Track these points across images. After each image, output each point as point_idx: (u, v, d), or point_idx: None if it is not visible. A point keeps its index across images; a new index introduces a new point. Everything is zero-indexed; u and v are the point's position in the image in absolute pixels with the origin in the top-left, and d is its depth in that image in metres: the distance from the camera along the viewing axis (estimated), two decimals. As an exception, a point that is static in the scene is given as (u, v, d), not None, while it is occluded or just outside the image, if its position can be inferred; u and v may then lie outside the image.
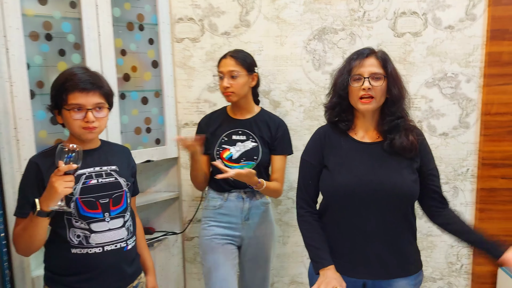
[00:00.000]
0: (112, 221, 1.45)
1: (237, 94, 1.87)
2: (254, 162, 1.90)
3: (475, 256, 2.27)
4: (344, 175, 1.44)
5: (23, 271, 1.79)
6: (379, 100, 1.42)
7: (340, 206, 1.47)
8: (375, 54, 1.45)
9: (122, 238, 1.47)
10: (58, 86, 1.39)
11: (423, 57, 2.18)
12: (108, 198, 1.44)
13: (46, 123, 1.85)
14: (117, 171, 1.51)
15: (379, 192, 1.40)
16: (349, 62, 1.47)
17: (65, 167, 1.25)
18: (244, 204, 1.93)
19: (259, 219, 1.96)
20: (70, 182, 1.27)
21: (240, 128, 1.94)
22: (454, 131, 2.23)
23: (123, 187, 1.50)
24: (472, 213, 2.27)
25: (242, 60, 1.87)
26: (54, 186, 1.24)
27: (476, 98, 2.19)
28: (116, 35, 2.03)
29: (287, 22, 2.21)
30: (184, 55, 2.26)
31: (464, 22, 2.15)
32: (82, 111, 1.38)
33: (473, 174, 2.25)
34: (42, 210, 1.28)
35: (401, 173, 1.42)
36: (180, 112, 2.31)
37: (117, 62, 2.04)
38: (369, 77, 1.40)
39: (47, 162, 1.39)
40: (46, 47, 1.84)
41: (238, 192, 1.93)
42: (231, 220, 1.93)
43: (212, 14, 2.23)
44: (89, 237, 1.41)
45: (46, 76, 1.84)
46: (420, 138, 1.47)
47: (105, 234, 1.43)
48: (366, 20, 2.19)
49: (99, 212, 1.43)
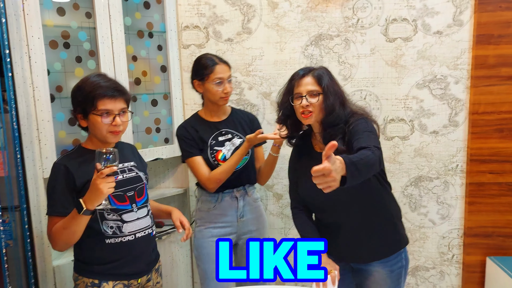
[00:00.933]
0: (139, 210, 1.60)
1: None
2: (247, 157, 1.96)
3: (465, 246, 2.40)
4: (303, 186, 1.66)
5: (44, 260, 1.93)
6: (317, 114, 1.54)
7: (311, 208, 1.70)
8: (312, 73, 1.58)
9: (148, 225, 1.63)
10: (86, 93, 1.49)
11: (413, 60, 2.32)
12: (133, 191, 1.59)
13: (65, 124, 1.99)
14: (135, 166, 1.66)
15: (337, 202, 1.55)
16: (290, 83, 1.62)
17: (107, 170, 1.33)
18: (238, 202, 1.99)
19: (253, 215, 2.03)
20: (112, 182, 1.36)
21: (223, 128, 1.99)
22: (444, 129, 2.36)
23: (143, 180, 1.66)
24: (462, 206, 2.39)
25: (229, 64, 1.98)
26: (99, 188, 1.34)
27: (464, 98, 2.32)
28: (127, 42, 2.16)
29: (286, 29, 2.35)
30: (191, 60, 2.35)
31: (452, 27, 2.28)
32: (110, 115, 1.50)
33: (462, 170, 2.37)
34: (87, 209, 1.38)
35: None
36: (188, 113, 2.44)
37: (129, 68, 2.17)
38: (306, 94, 1.54)
39: (74, 164, 1.51)
40: (65, 55, 1.97)
41: (231, 192, 1.98)
42: (226, 219, 1.98)
43: (216, 22, 2.38)
44: (122, 227, 1.55)
45: (64, 81, 1.98)
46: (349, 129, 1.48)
47: (135, 223, 1.58)
48: (360, 27, 2.33)
49: (128, 204, 1.57)
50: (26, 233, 1.85)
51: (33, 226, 1.90)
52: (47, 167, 1.90)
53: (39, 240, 1.92)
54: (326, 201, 1.54)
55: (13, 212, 1.84)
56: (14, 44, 1.80)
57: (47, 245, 1.93)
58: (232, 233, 2.01)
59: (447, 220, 2.42)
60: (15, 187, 1.84)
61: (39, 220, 1.91)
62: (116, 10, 2.09)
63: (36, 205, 1.90)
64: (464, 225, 2.41)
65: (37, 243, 1.91)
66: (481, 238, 2.38)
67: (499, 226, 2.36)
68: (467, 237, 2.39)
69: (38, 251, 1.91)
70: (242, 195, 2.01)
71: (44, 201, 1.91)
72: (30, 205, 1.89)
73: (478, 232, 2.37)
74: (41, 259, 1.92)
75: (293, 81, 1.61)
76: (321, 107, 1.53)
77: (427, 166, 2.39)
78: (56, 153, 1.94)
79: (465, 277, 2.42)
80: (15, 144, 1.81)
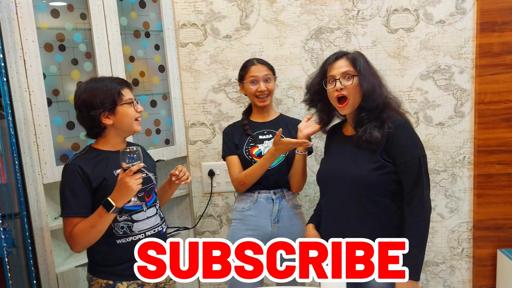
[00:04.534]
0: (148, 210, 1.62)
1: (270, 97, 1.98)
2: (284, 154, 1.91)
3: (475, 240, 2.36)
4: (322, 165, 1.67)
5: (47, 268, 1.90)
6: (353, 99, 1.51)
7: (321, 192, 1.72)
8: (346, 56, 1.54)
9: (157, 224, 1.64)
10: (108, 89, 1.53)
11: (416, 51, 2.27)
12: (143, 192, 1.60)
13: (63, 129, 1.96)
14: (145, 167, 1.63)
15: (341, 179, 1.54)
16: (322, 67, 1.59)
17: (135, 167, 1.40)
18: (274, 205, 1.91)
19: (290, 222, 1.92)
20: (139, 179, 1.42)
21: (265, 128, 1.99)
22: (450, 120, 2.31)
23: (153, 181, 1.67)
24: (470, 198, 2.35)
25: (270, 65, 2.00)
26: (128, 186, 1.39)
27: (470, 88, 2.27)
28: (124, 43, 2.13)
29: (285, 24, 2.31)
30: (189, 59, 2.36)
31: (455, 16, 2.23)
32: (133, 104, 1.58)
33: (470, 161, 2.32)
34: (117, 207, 1.43)
35: (358, 162, 1.51)
36: (188, 113, 2.41)
37: (126, 68, 2.14)
38: (340, 77, 1.50)
39: (88, 164, 1.52)
40: (60, 57, 1.94)
41: (267, 193, 1.92)
42: (259, 223, 1.90)
43: (213, 19, 2.33)
44: (132, 226, 1.57)
45: (61, 84, 1.95)
46: (390, 131, 1.46)
47: (145, 222, 1.60)
48: (360, 19, 2.28)
49: (139, 205, 1.59)
50: (27, 240, 1.82)
51: (34, 233, 1.87)
52: (46, 172, 1.87)
53: (41, 247, 1.89)
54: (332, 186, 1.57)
55: (13, 219, 1.81)
56: (8, 48, 1.77)
57: (50, 251, 1.90)
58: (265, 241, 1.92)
59: (455, 214, 2.37)
60: (15, 194, 1.82)
61: (40, 227, 1.88)
62: (111, 10, 2.05)
63: (37, 212, 1.87)
64: (473, 218, 2.36)
65: (39, 250, 1.88)
66: (491, 231, 2.32)
67: (509, 218, 2.30)
68: (477, 230, 2.34)
69: (40, 259, 1.89)
70: (279, 198, 1.93)
71: (45, 207, 1.88)
72: (31, 212, 1.86)
73: (488, 225, 2.32)
74: (43, 267, 1.90)
75: (326, 65, 1.58)
76: (356, 90, 1.50)
77: (433, 159, 2.34)
78: (55, 158, 1.91)
79: (476, 271, 2.37)
80: (13, 150, 1.78)
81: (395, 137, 1.48)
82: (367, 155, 1.50)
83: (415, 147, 1.48)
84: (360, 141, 1.50)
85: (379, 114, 1.51)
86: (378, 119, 1.50)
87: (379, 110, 1.50)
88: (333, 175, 1.58)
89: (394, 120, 1.50)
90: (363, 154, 1.51)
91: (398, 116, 1.53)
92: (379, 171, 1.49)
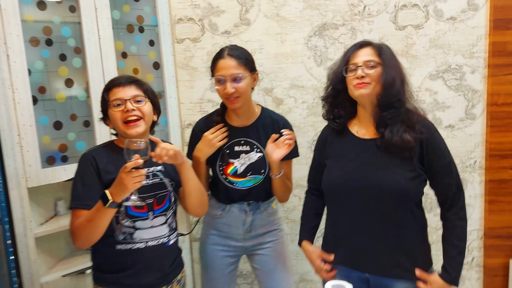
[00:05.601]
0: (155, 219, 1.48)
1: (242, 99, 1.65)
2: (262, 176, 1.72)
3: (486, 249, 2.24)
4: (335, 171, 1.47)
5: (31, 277, 1.78)
6: (374, 86, 1.37)
7: (334, 202, 1.50)
8: (371, 45, 1.43)
9: (164, 234, 1.50)
10: (102, 92, 1.48)
11: (425, 49, 2.16)
12: (153, 198, 1.47)
13: (49, 129, 1.84)
14: (162, 171, 1.51)
15: (368, 188, 1.37)
16: (345, 54, 1.46)
17: (131, 163, 1.25)
18: (247, 217, 1.75)
19: (265, 229, 1.80)
20: (139, 176, 1.26)
21: (243, 137, 1.72)
22: (460, 123, 2.20)
23: (168, 187, 1.52)
24: (481, 205, 2.24)
25: (245, 57, 1.65)
26: (123, 183, 1.26)
27: (482, 89, 2.17)
28: (116, 38, 2.01)
29: (287, 19, 2.19)
30: (186, 55, 2.25)
31: (466, 12, 2.12)
32: (122, 104, 1.43)
33: (481, 166, 2.22)
34: (114, 202, 1.28)
35: (392, 170, 1.36)
36: (184, 113, 2.30)
37: (118, 65, 2.01)
38: (362, 65, 1.38)
39: (103, 158, 1.44)
40: (47, 53, 1.82)
41: (240, 204, 1.75)
42: (231, 231, 1.78)
43: (211, 14, 2.22)
44: (133, 233, 1.45)
45: (47, 81, 1.83)
46: (422, 136, 1.36)
47: (148, 231, 1.46)
48: (367, 14, 2.16)
49: (145, 211, 1.46)
50: (9, 248, 1.70)
51: (17, 240, 1.75)
52: (30, 176, 1.75)
53: (25, 255, 1.76)
54: (357, 195, 1.39)
55: (-7, 226, 1.69)
56: (-11, 43, 1.64)
57: (33, 260, 1.78)
58: (238, 247, 1.81)
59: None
60: (-4, 198, 1.69)
61: (24, 234, 1.76)
62: (102, 3, 1.93)
63: (20, 217, 1.74)
64: (484, 226, 2.25)
65: (22, 258, 1.76)
66: (503, 239, 2.22)
67: (522, 226, 2.20)
68: (488, 238, 2.24)
69: (23, 268, 1.77)
70: (252, 209, 1.76)
71: (29, 213, 1.77)
72: (14, 218, 1.73)
73: (500, 233, 2.22)
74: (27, 276, 1.78)
75: (348, 53, 1.45)
76: (378, 80, 1.37)
77: (442, 163, 2.22)
78: (40, 160, 1.79)
79: (486, 281, 2.26)
80: (-6, 151, 1.65)
81: (430, 141, 1.38)
82: (400, 162, 1.37)
83: (447, 150, 1.42)
84: (388, 145, 1.36)
85: (405, 116, 1.38)
86: (404, 122, 1.37)
87: (402, 111, 1.38)
88: (356, 184, 1.39)
89: (425, 124, 1.39)
90: (395, 161, 1.37)
91: (426, 120, 1.43)
92: (416, 180, 1.37)
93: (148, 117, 1.47)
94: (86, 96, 1.93)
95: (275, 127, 1.74)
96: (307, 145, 2.26)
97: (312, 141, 2.27)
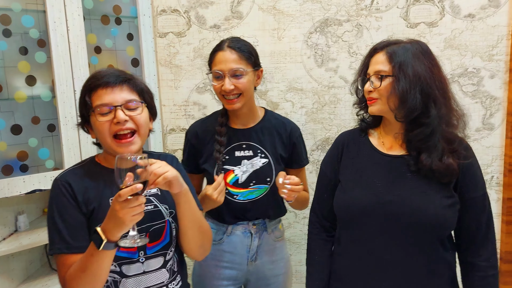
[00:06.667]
0: (148, 261, 1.15)
1: (243, 98, 1.45)
2: (268, 186, 1.52)
3: (502, 275, 2.03)
4: (357, 192, 1.22)
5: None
6: (386, 101, 1.17)
7: (352, 228, 1.24)
8: (387, 48, 1.20)
9: (161, 282, 1.18)
10: (82, 91, 1.15)
11: (440, 50, 1.96)
12: (144, 233, 1.13)
13: (6, 134, 1.62)
14: (158, 195, 1.21)
15: (399, 215, 1.14)
16: (365, 59, 1.26)
17: (127, 190, 0.93)
18: (253, 241, 1.53)
19: (271, 258, 1.58)
20: (138, 206, 0.96)
21: (244, 140, 1.52)
22: (476, 133, 2.00)
23: (165, 217, 1.19)
24: (498, 226, 2.03)
25: (248, 51, 1.45)
26: (118, 217, 0.95)
27: (501, 96, 1.97)
28: (88, 30, 1.81)
29: (285, 13, 1.97)
30: (169, 52, 2.01)
31: (487, 9, 1.92)
32: (110, 113, 1.10)
33: (499, 182, 2.02)
34: (109, 241, 0.98)
35: (429, 195, 1.14)
36: (166, 117, 2.07)
37: (90, 61, 1.81)
38: (372, 76, 1.20)
39: (81, 181, 1.13)
40: (4, 45, 1.61)
41: (245, 225, 1.54)
42: (234, 259, 1.55)
43: (199, 5, 1.99)
44: (119, 282, 1.13)
45: (4, 78, 1.62)
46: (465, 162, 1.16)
47: (138, 279, 1.14)
48: (375, 10, 1.94)
49: (134, 251, 1.13)
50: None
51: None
52: (-19, 189, 1.51)
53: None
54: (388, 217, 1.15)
55: None
56: None
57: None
58: (239, 278, 1.57)
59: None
60: None
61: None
62: (72, -12, 1.69)
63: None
64: (500, 249, 2.04)
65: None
66: (522, 265, 2.01)
67: (543, 250, 1.99)
68: (504, 263, 2.03)
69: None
70: (258, 231, 1.55)
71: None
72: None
73: (518, 258, 2.02)
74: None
75: (366, 59, 1.26)
76: (389, 93, 1.16)
77: (456, 178, 2.01)
78: (-6, 170, 1.54)
79: (501, 311, 2.04)
80: None
81: (468, 167, 1.18)
82: (436, 186, 1.15)
83: (483, 180, 1.22)
84: (427, 170, 1.14)
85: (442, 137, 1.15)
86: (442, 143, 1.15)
87: (436, 130, 1.14)
88: (388, 210, 1.16)
89: (466, 148, 1.20)
90: (431, 185, 1.15)
91: (464, 141, 1.21)
92: (453, 208, 1.16)
93: (145, 129, 1.16)
94: (51, 96, 1.71)
95: (281, 130, 1.55)
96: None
97: (311, 151, 2.03)
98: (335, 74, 1.98)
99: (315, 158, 2.04)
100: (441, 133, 1.14)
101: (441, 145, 1.13)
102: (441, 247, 1.17)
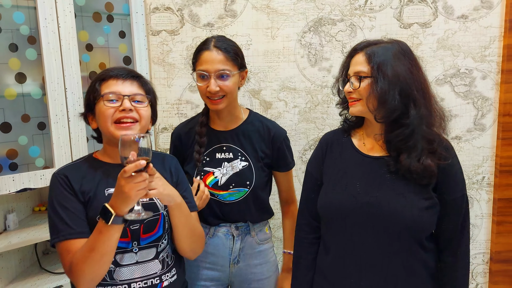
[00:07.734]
0: (141, 251, 1.20)
1: (227, 99, 1.44)
2: (247, 189, 1.49)
3: (492, 274, 2.04)
4: (337, 193, 1.23)
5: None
6: (366, 102, 1.17)
7: (333, 228, 1.25)
8: (367, 48, 1.20)
9: (154, 273, 1.22)
10: (92, 83, 1.23)
11: (433, 50, 1.95)
12: (138, 224, 1.19)
13: (-6, 132, 1.58)
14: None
15: (376, 217, 1.15)
16: (346, 59, 1.27)
17: (132, 166, 1.00)
18: (235, 244, 1.52)
19: (254, 262, 1.56)
20: (142, 182, 1.03)
21: (225, 142, 1.51)
22: (468, 134, 2.00)
23: (160, 210, 1.23)
24: (488, 226, 2.04)
25: (234, 51, 1.44)
26: (124, 191, 1.02)
27: (493, 97, 1.98)
28: (80, 27, 1.78)
29: (279, 12, 1.96)
30: (162, 50, 1.99)
31: (479, 10, 1.92)
32: (117, 102, 1.18)
33: (490, 183, 2.03)
34: (118, 216, 1.05)
35: (406, 197, 1.14)
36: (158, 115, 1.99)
37: (82, 59, 1.79)
38: (352, 77, 1.20)
39: (77, 174, 1.19)
40: (-6, 42, 1.58)
41: (227, 227, 1.53)
42: (217, 261, 1.54)
43: (193, 3, 1.97)
44: (113, 271, 1.18)
45: (-6, 75, 1.58)
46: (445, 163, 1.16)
47: (131, 268, 1.19)
48: (368, 10, 1.94)
49: (128, 241, 1.18)
50: None
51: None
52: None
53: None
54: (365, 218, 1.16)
55: None
56: None
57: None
58: (223, 279, 1.56)
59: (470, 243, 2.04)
60: None
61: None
62: (63, -15, 1.66)
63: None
64: (490, 249, 2.06)
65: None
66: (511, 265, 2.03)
67: (532, 250, 2.00)
68: (494, 263, 2.04)
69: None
70: (241, 234, 1.54)
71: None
72: None
73: (508, 257, 2.02)
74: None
75: (347, 59, 1.26)
76: (368, 93, 1.16)
77: (447, 178, 2.02)
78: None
79: (491, 310, 2.06)
80: None
81: (448, 168, 1.17)
82: (414, 187, 1.15)
83: (464, 181, 1.21)
84: (405, 171, 1.14)
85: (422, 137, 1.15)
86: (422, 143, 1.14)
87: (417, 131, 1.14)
88: (365, 211, 1.16)
89: (447, 148, 1.19)
90: (409, 186, 1.15)
91: (446, 141, 1.21)
92: (431, 211, 1.15)
93: (145, 122, 1.23)
94: (41, 93, 1.68)
95: (265, 135, 1.53)
96: (298, 154, 2.02)
97: (304, 151, 2.03)
98: (329, 73, 1.98)
99: (307, 158, 2.04)
100: (421, 134, 1.13)
101: (421, 146, 1.13)
102: (419, 248, 1.17)
